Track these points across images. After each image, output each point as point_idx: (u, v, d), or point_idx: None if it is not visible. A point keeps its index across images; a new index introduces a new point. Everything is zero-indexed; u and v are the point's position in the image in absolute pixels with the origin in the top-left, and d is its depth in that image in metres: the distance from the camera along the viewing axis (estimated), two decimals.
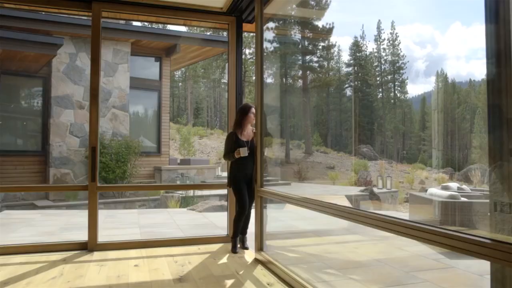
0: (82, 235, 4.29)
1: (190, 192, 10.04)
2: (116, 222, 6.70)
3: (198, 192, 10.17)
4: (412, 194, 5.38)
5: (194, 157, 20.63)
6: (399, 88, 50.50)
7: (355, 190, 12.37)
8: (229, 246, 4.26)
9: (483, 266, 3.10)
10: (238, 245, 4.22)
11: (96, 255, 3.97)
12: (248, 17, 4.72)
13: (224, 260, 3.85)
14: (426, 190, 5.48)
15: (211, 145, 28.96)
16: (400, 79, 49.98)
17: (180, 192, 10.16)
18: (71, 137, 10.56)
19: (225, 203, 8.30)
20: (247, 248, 4.20)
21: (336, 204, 2.53)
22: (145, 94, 12.73)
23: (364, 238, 5.15)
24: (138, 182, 11.48)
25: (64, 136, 10.48)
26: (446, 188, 5.93)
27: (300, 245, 4.88)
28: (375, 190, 11.90)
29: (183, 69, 43.39)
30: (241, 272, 3.42)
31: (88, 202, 4.17)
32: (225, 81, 35.09)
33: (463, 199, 4.43)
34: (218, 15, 4.66)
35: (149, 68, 12.80)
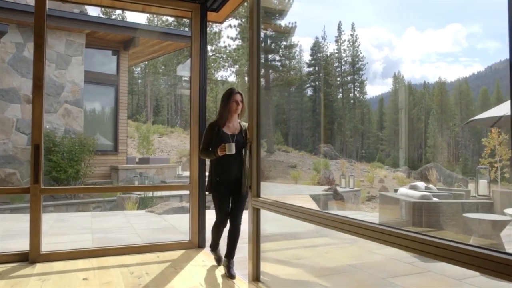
0: (25, 244, 3.77)
1: (149, 193, 9.52)
2: (66, 227, 6.13)
3: (158, 193, 9.66)
4: (383, 195, 5.23)
5: (153, 156, 19.95)
6: (358, 89, 51.80)
7: (319, 190, 12.28)
8: (191, 252, 3.90)
9: (459, 270, 2.91)
10: (222, 258, 3.50)
11: (39, 267, 3.48)
12: (213, 5, 4.36)
13: (187, 269, 3.48)
14: (396, 190, 5.36)
15: (171, 143, 28.27)
16: (360, 80, 51.29)
17: (138, 192, 9.61)
18: (18, 134, 9.73)
19: (187, 204, 7.89)
20: (233, 277, 3.26)
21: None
22: (101, 89, 12.02)
23: (334, 241, 4.94)
24: (93, 183, 10.82)
25: (10, 132, 9.64)
26: (414, 187, 5.85)
27: (269, 250, 4.59)
28: (339, 189, 11.86)
29: (142, 65, 42.17)
30: (205, 285, 3.07)
31: (30, 206, 3.67)
32: (187, 78, 34.36)
33: (435, 199, 4.31)
34: (180, 1, 4.27)
35: (105, 61, 12.09)
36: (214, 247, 3.61)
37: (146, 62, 37.37)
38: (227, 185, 3.34)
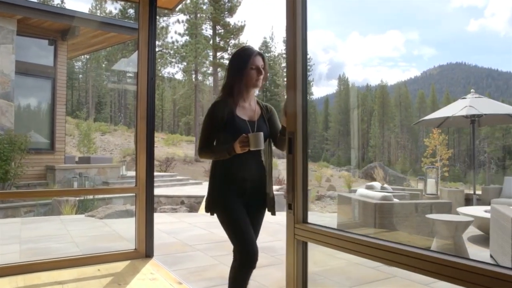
0: None
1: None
2: None
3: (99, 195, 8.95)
4: (341, 195, 5.06)
5: (95, 155, 18.83)
6: None
7: None
8: (138, 263, 3.45)
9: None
10: None
11: None
12: None
13: (132, 284, 3.04)
14: (355, 191, 5.23)
15: (114, 142, 27.01)
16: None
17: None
18: None
19: (132, 207, 7.31)
20: None
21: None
22: (36, 82, 11.01)
23: None
24: (26, 184, 9.85)
25: None
26: (371, 188, 5.77)
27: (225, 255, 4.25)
28: None
29: (84, 59, 40.03)
30: None
31: None
32: (131, 74, 32.99)
33: (395, 200, 4.19)
34: None
35: (41, 52, 11.08)
36: None
37: (87, 56, 35.46)
38: (242, 198, 2.16)
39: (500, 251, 3.50)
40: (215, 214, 2.20)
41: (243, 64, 2.14)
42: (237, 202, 2.12)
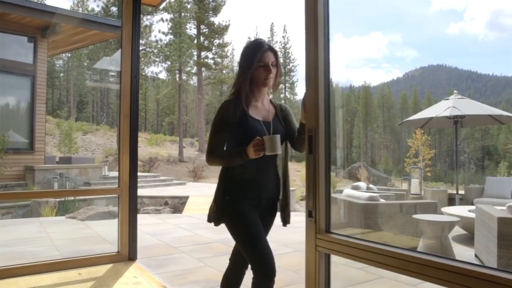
0: None
1: None
2: None
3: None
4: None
5: (76, 155, 18.47)
6: (289, 90, 52.79)
7: None
8: (121, 267, 3.34)
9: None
10: None
11: None
12: None
13: None
14: (341, 191, 5.21)
15: (96, 141, 26.60)
16: (291, 81, 52.30)
17: None
18: None
19: (114, 208, 7.16)
20: None
21: None
22: (15, 80, 10.72)
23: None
24: (4, 185, 9.58)
25: None
26: (357, 188, 5.76)
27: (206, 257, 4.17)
28: None
29: (65, 57, 39.30)
30: None
31: None
32: (114, 73, 32.52)
33: (382, 200, 4.18)
34: None
35: (20, 49, 10.78)
36: None
37: (69, 54, 34.82)
38: (255, 206, 1.93)
39: (485, 250, 3.52)
40: (222, 224, 1.97)
41: (250, 60, 1.91)
42: (252, 209, 1.89)
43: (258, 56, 1.90)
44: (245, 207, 1.88)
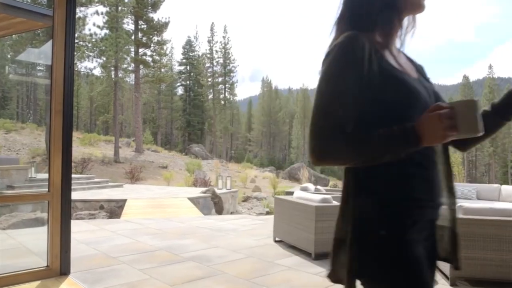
0: None
1: None
2: None
3: None
4: (278, 198, 4.87)
5: None
6: (229, 90, 52.62)
7: (196, 192, 11.65)
8: (51, 284, 2.91)
9: None
10: None
11: None
12: None
13: None
14: (292, 193, 5.08)
15: (22, 141, 24.55)
16: (231, 81, 52.19)
17: None
18: None
19: (43, 214, 6.46)
20: None
21: None
22: None
23: (226, 252, 4.38)
24: None
25: None
26: (305, 189, 5.69)
27: (157, 263, 3.80)
28: (217, 191, 11.42)
29: None
30: None
31: None
32: (41, 68, 30.23)
33: (334, 202, 4.10)
34: None
35: None
36: None
37: None
38: (425, 240, 1.06)
39: None
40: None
41: None
42: (421, 251, 1.00)
43: None
44: (418, 251, 0.99)
